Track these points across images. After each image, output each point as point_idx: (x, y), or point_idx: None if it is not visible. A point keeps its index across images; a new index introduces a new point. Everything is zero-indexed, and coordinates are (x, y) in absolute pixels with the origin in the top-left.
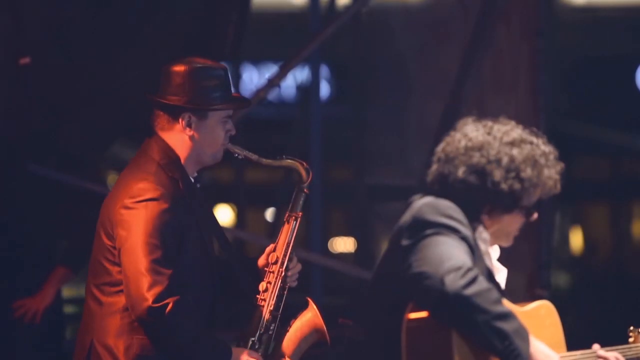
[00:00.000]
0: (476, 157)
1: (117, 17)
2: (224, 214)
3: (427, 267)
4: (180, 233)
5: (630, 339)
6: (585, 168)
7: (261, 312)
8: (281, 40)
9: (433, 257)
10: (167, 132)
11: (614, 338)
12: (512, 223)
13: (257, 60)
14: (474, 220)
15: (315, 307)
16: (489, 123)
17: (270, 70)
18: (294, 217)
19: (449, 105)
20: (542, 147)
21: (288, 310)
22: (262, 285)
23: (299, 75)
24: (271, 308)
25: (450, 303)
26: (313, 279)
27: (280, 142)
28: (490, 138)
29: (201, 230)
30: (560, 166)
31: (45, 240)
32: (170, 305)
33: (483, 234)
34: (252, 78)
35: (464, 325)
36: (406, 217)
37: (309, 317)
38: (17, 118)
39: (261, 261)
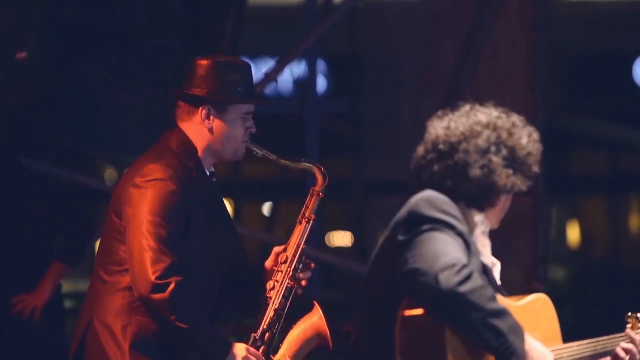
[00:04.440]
0: (485, 137)
1: (116, 17)
2: None
3: (422, 264)
4: (187, 216)
5: (629, 325)
6: (582, 162)
7: (266, 309)
8: (278, 35)
9: (428, 253)
10: (187, 123)
11: (611, 330)
12: (510, 200)
13: (254, 55)
14: (483, 208)
15: (320, 311)
16: (459, 110)
17: (267, 65)
18: (307, 220)
19: (446, 99)
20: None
21: (293, 308)
22: (269, 284)
23: (296, 70)
24: (276, 307)
25: (445, 300)
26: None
27: (277, 137)
28: (481, 116)
29: (211, 222)
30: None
31: (43, 236)
32: (173, 285)
33: (484, 223)
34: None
35: (459, 323)
36: (402, 211)
37: (314, 321)
38: (13, 113)
39: (269, 263)
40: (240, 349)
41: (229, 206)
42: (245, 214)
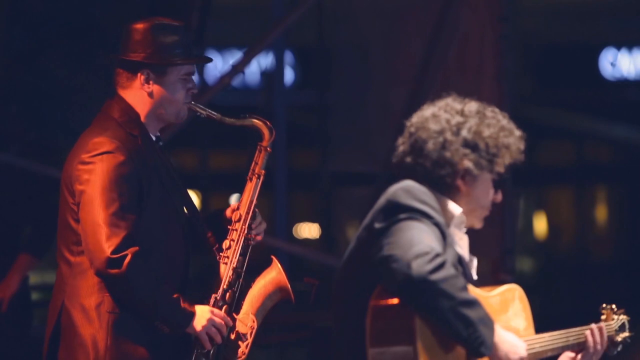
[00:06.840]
0: (447, 117)
1: (81, 7)
2: None
3: (396, 251)
4: (139, 186)
5: (603, 317)
6: (549, 153)
7: (224, 269)
8: (245, 26)
9: (403, 241)
10: (127, 89)
11: (578, 321)
12: (485, 192)
13: (221, 47)
14: (442, 188)
15: (279, 265)
16: (445, 99)
17: (234, 56)
18: (256, 175)
19: (413, 91)
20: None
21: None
22: (225, 243)
23: (263, 61)
24: (234, 265)
25: (416, 288)
26: None
27: (244, 128)
28: (456, 104)
29: (165, 185)
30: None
31: (9, 228)
32: (129, 257)
33: (460, 217)
34: (216, 64)
35: (429, 311)
36: (381, 200)
37: (273, 275)
38: None
39: (228, 213)
40: (204, 311)
41: (195, 197)
42: (213, 205)
